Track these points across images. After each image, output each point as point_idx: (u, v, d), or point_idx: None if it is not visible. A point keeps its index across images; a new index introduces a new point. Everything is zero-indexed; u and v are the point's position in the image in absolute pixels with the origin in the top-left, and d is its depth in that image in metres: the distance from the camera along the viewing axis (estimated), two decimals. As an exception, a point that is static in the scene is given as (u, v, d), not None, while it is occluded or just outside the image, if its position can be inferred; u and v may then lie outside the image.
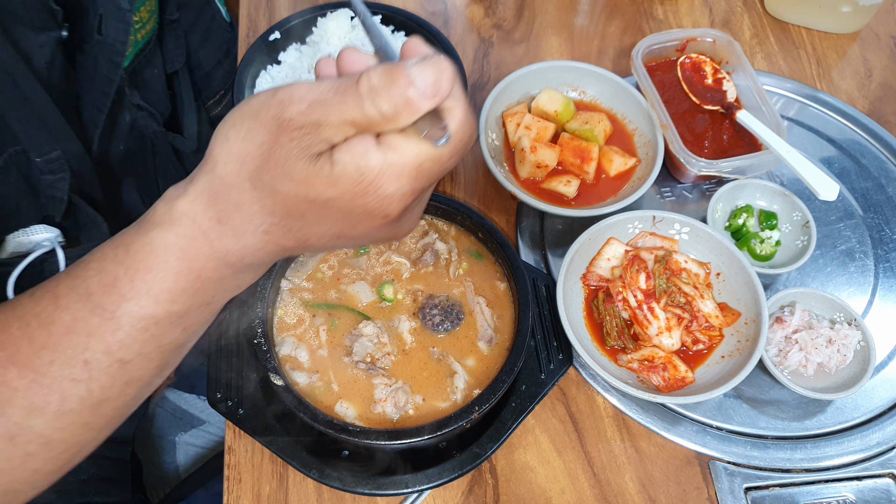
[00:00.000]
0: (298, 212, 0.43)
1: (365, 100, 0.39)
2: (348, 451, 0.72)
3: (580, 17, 1.14)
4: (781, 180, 0.96)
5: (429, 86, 0.39)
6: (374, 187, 0.42)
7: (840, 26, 1.12)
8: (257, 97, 0.43)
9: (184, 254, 0.44)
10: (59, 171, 0.69)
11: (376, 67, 0.40)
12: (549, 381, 0.76)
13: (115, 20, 0.73)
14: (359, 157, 0.41)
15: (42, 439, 0.45)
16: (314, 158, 0.41)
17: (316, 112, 0.40)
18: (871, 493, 0.75)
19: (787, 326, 0.81)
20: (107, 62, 0.74)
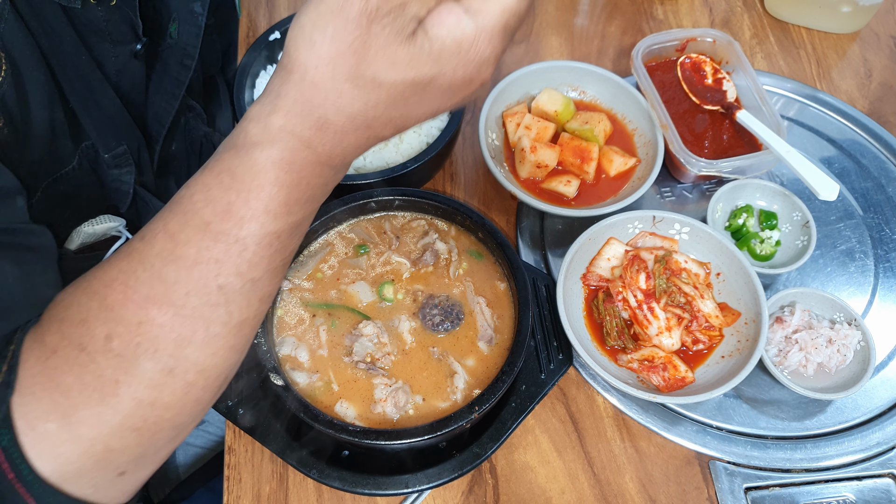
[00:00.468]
0: (403, 98, 0.43)
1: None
2: (348, 451, 0.72)
3: (580, 17, 1.14)
4: (781, 180, 0.96)
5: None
6: (473, 55, 0.43)
7: (840, 26, 1.12)
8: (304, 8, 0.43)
9: (291, 167, 0.45)
10: (125, 164, 0.72)
11: None
12: (549, 381, 0.76)
13: (188, 24, 0.75)
14: (453, 29, 0.42)
15: (198, 367, 0.47)
16: (411, 39, 0.41)
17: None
18: (871, 493, 0.75)
19: (787, 326, 0.81)
20: (177, 64, 0.76)
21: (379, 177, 0.82)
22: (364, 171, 0.88)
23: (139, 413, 0.46)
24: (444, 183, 0.96)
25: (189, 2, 0.75)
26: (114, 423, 0.45)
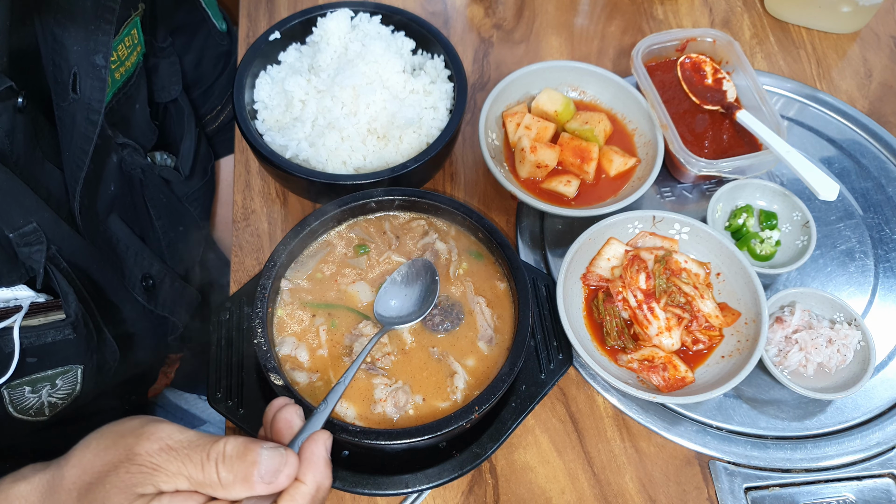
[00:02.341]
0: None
1: (210, 462, 0.43)
2: (348, 451, 0.72)
3: (580, 17, 1.14)
4: (781, 180, 0.96)
5: (270, 472, 0.45)
6: None
7: (840, 26, 1.12)
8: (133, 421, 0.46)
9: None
10: (36, 242, 0.68)
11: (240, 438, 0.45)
12: (549, 381, 0.76)
13: (91, 78, 0.71)
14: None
15: None
16: (136, 497, 0.43)
17: (161, 456, 0.43)
18: (870, 492, 0.75)
19: (787, 326, 0.81)
20: (84, 120, 0.72)
21: (379, 177, 0.82)
22: (364, 171, 0.88)
23: None
24: (444, 183, 0.96)
25: (89, 55, 0.70)
26: None
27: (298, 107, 0.90)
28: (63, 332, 0.72)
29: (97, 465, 0.44)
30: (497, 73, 1.06)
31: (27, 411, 0.74)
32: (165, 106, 0.98)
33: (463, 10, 1.14)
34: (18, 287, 0.68)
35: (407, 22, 0.96)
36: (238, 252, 0.90)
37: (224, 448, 0.44)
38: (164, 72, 0.94)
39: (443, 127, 0.89)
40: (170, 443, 0.44)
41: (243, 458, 0.44)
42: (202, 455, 0.44)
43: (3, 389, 0.72)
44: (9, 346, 0.70)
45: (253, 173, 0.97)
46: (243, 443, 0.44)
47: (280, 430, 0.50)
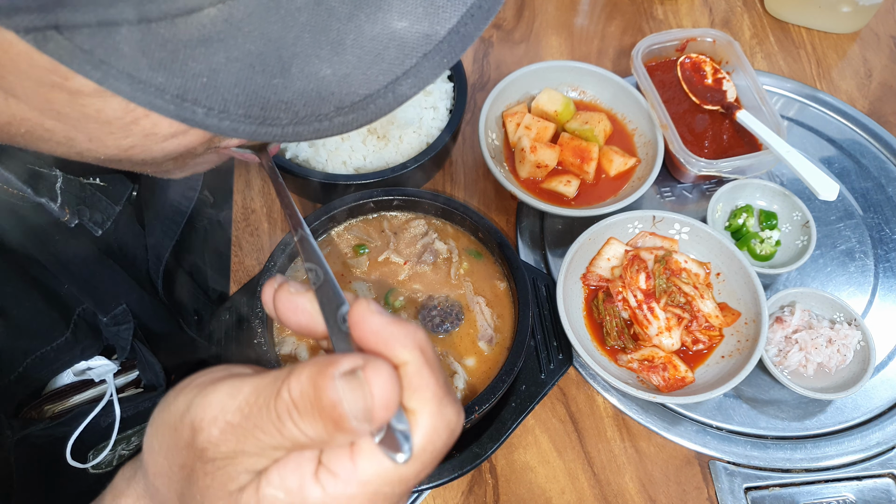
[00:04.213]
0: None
1: (285, 423, 0.32)
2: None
3: (580, 17, 1.14)
4: (781, 180, 0.96)
5: (361, 410, 0.31)
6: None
7: (840, 26, 1.12)
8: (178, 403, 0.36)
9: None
10: (124, 322, 0.70)
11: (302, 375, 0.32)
12: (549, 381, 0.76)
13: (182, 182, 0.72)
14: (293, 493, 0.33)
15: None
16: (238, 493, 0.34)
17: (230, 441, 0.33)
18: (870, 492, 0.75)
19: (787, 326, 0.81)
20: (179, 195, 0.73)
21: (379, 177, 0.82)
22: (364, 171, 0.88)
23: None
24: (444, 183, 0.96)
25: None
26: None
27: (298, 107, 0.89)
28: (154, 401, 0.73)
29: (175, 471, 0.36)
30: (497, 73, 1.06)
31: (100, 465, 0.75)
32: None
33: (463, 10, 1.14)
34: (95, 358, 0.69)
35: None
36: (238, 252, 0.90)
37: (290, 397, 0.32)
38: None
39: (443, 127, 0.89)
40: (229, 420, 0.33)
41: (319, 403, 0.31)
42: (271, 418, 0.32)
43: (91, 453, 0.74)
44: (108, 418, 0.71)
45: (253, 173, 0.97)
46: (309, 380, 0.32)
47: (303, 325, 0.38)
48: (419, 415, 0.33)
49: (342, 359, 0.32)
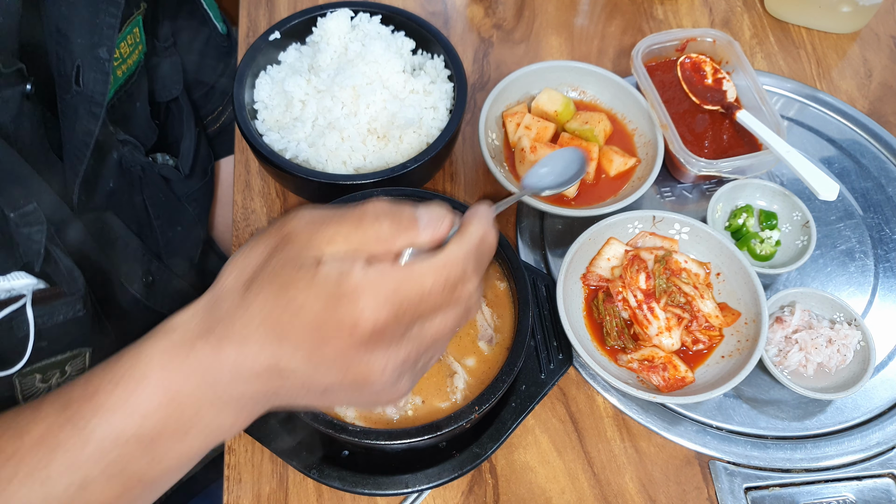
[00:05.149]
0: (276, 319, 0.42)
1: (366, 219, 0.42)
2: (348, 451, 0.72)
3: (580, 17, 1.14)
4: (781, 180, 0.96)
5: (431, 219, 0.43)
6: (348, 298, 0.41)
7: (840, 26, 1.12)
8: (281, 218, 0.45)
9: (165, 364, 0.42)
10: (36, 223, 0.67)
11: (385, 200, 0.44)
12: (549, 381, 0.76)
13: (94, 71, 0.71)
14: (343, 267, 0.41)
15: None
16: (300, 265, 0.42)
17: (313, 226, 0.43)
18: (871, 492, 0.75)
19: (787, 326, 0.81)
20: (86, 113, 0.72)
21: (379, 177, 0.82)
22: (364, 171, 0.88)
23: None
24: (444, 183, 0.96)
25: (93, 48, 0.70)
26: None
27: (298, 107, 0.90)
28: (73, 308, 0.71)
29: (252, 262, 0.43)
30: (497, 73, 1.06)
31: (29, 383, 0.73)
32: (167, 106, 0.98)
33: (463, 10, 1.14)
34: (14, 275, 0.67)
35: (407, 22, 0.96)
36: (238, 252, 0.90)
37: (379, 208, 0.42)
38: (166, 71, 0.94)
39: (443, 127, 0.89)
40: (316, 216, 0.43)
41: (399, 212, 0.43)
42: (355, 216, 0.42)
43: (15, 378, 0.72)
44: (23, 329, 0.68)
45: (253, 173, 0.97)
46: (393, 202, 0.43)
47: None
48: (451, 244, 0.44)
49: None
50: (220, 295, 0.44)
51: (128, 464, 0.43)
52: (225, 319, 0.43)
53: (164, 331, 0.44)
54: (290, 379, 0.43)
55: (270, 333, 0.42)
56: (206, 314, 0.44)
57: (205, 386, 0.43)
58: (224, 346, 0.42)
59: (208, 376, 0.42)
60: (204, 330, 0.43)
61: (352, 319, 0.41)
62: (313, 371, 0.43)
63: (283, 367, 0.42)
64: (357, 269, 0.41)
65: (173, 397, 0.42)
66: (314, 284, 0.41)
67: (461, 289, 0.44)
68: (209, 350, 0.42)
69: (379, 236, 0.42)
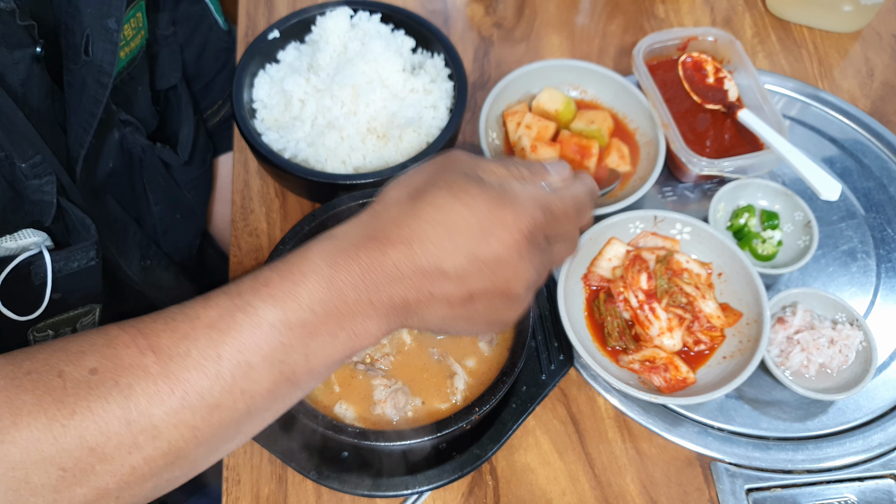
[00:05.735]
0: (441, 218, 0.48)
1: (511, 164, 0.55)
2: (348, 453, 0.71)
3: (581, 16, 1.14)
4: (783, 180, 0.95)
5: (557, 169, 0.57)
6: (510, 200, 0.50)
7: (842, 25, 1.12)
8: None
9: (331, 262, 0.47)
10: (45, 174, 0.69)
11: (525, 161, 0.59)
12: (549, 382, 0.75)
13: (103, 41, 0.72)
14: (503, 180, 0.53)
15: (154, 430, 0.44)
16: (467, 176, 0.51)
17: (476, 160, 0.54)
18: (872, 493, 0.75)
19: (789, 327, 0.81)
20: (94, 83, 0.73)
21: (378, 176, 0.82)
22: (363, 170, 0.87)
23: (75, 453, 0.42)
24: (444, 182, 0.96)
25: (102, 18, 0.71)
26: (46, 454, 0.42)
27: (297, 106, 0.89)
28: (87, 256, 0.73)
29: (420, 178, 0.52)
30: (497, 71, 1.06)
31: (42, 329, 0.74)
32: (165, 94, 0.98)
33: (463, 8, 1.14)
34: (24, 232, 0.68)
35: (406, 20, 0.95)
36: (237, 252, 0.90)
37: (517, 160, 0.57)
38: (165, 59, 0.95)
39: (443, 126, 0.89)
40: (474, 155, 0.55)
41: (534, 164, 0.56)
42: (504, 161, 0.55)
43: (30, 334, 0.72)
44: (40, 276, 0.69)
45: (252, 173, 0.96)
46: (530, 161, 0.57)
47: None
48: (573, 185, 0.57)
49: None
50: (384, 206, 0.51)
51: (288, 354, 0.47)
52: (391, 224, 0.49)
53: (328, 236, 0.49)
54: (444, 283, 0.49)
55: (440, 230, 0.48)
56: (369, 223, 0.50)
57: (364, 285, 0.47)
58: (388, 247, 0.48)
59: (369, 276, 0.47)
60: (367, 236, 0.48)
61: (513, 217, 0.49)
62: (469, 272, 0.49)
63: (444, 268, 0.48)
64: (515, 183, 0.52)
65: (336, 292, 0.47)
66: (483, 190, 0.50)
67: (580, 220, 0.56)
68: (374, 251, 0.47)
69: (523, 172, 0.54)
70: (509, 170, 0.54)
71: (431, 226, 0.48)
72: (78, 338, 0.46)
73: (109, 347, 0.44)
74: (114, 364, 0.44)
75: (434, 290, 0.49)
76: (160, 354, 0.44)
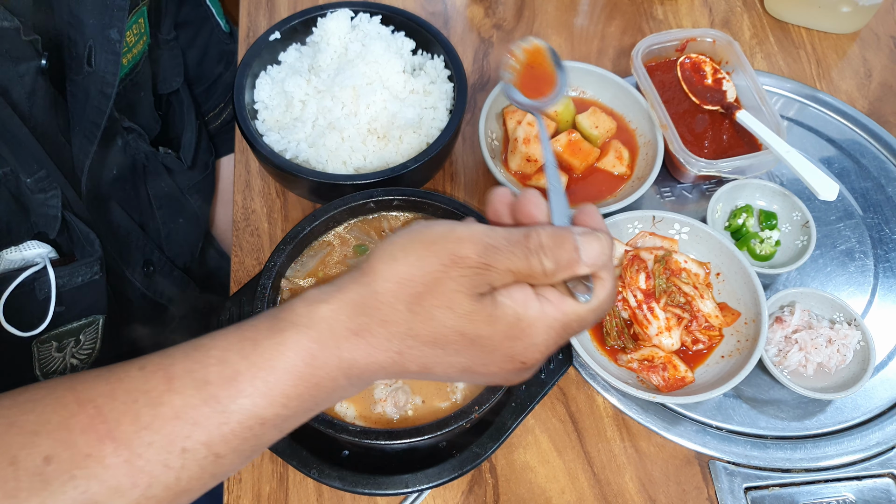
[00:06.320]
0: (445, 341, 0.45)
1: (532, 254, 0.44)
2: (348, 451, 0.72)
3: (580, 17, 1.14)
4: (781, 180, 0.96)
5: (592, 256, 0.45)
6: (526, 334, 0.45)
7: (840, 26, 1.12)
8: (434, 228, 0.46)
9: (312, 360, 0.44)
10: (50, 188, 0.69)
11: (547, 228, 0.45)
12: (549, 381, 0.76)
13: (105, 51, 0.72)
14: (518, 303, 0.45)
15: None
16: (479, 297, 0.44)
17: (489, 256, 0.44)
18: (870, 492, 0.75)
19: (787, 326, 0.81)
20: (97, 93, 0.73)
21: (379, 177, 0.82)
22: (364, 170, 0.88)
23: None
24: (444, 183, 0.96)
25: (104, 29, 0.72)
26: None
27: (298, 107, 0.90)
28: (91, 270, 0.73)
29: (417, 276, 0.44)
30: (497, 72, 1.06)
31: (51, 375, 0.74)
32: (168, 99, 0.98)
33: (463, 10, 1.14)
34: (29, 244, 0.68)
35: (407, 22, 0.96)
36: (238, 252, 0.90)
37: (541, 240, 0.45)
38: (167, 64, 0.95)
39: (443, 127, 0.89)
40: (490, 242, 0.44)
41: (562, 246, 0.45)
42: (524, 249, 0.44)
43: (34, 346, 0.72)
44: (44, 291, 0.69)
45: (253, 173, 0.97)
46: (555, 232, 0.45)
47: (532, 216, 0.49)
48: (605, 280, 0.47)
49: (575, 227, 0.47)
50: (376, 300, 0.45)
51: (261, 439, 0.46)
52: (382, 328, 0.44)
53: (306, 324, 0.45)
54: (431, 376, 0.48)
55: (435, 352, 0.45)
56: (356, 314, 0.45)
57: (344, 378, 0.46)
58: (378, 351, 0.45)
59: (351, 371, 0.45)
60: (352, 332, 0.45)
61: (523, 354, 0.46)
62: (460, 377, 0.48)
63: (433, 372, 0.47)
64: (531, 307, 0.45)
65: (315, 386, 0.45)
66: (495, 319, 0.45)
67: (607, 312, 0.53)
68: (360, 351, 0.45)
69: (545, 271, 0.45)
70: (530, 273, 0.45)
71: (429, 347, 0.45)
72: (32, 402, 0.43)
73: (65, 430, 0.42)
74: (70, 453, 0.41)
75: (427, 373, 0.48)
76: (119, 444, 0.42)
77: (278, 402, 0.44)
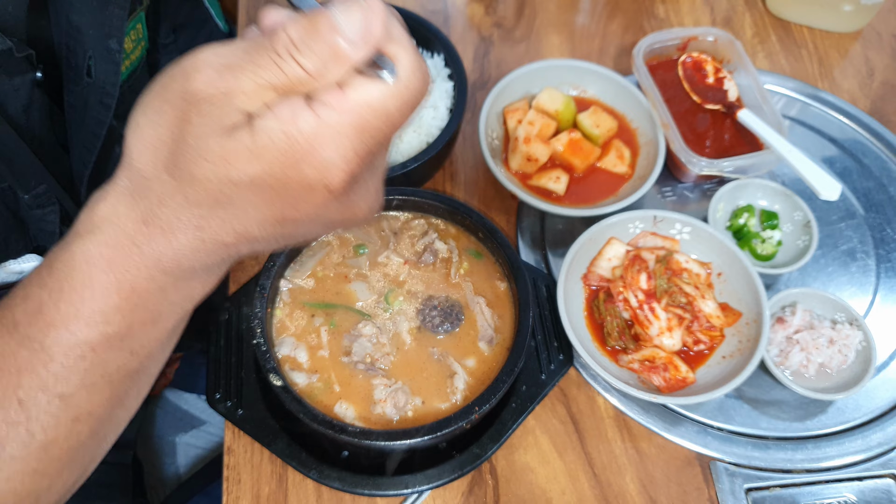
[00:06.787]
0: (225, 197, 0.37)
1: (284, 57, 0.34)
2: (348, 452, 0.72)
3: (581, 16, 1.14)
4: (783, 180, 0.95)
5: (358, 30, 0.34)
6: (309, 154, 0.35)
7: (842, 25, 1.12)
8: (165, 71, 0.37)
9: (110, 265, 0.39)
10: (48, 204, 0.68)
11: (296, 20, 0.34)
12: (549, 382, 0.75)
13: (105, 62, 0.71)
14: (286, 122, 0.35)
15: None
16: (228, 132, 0.35)
17: (225, 79, 0.35)
18: (871, 493, 0.75)
19: (789, 327, 0.81)
20: (97, 103, 0.72)
21: (379, 176, 0.82)
22: (364, 170, 0.87)
23: None
24: (444, 183, 0.96)
25: (104, 39, 0.71)
26: None
27: (298, 106, 0.89)
28: None
29: (163, 134, 0.37)
30: (497, 71, 1.06)
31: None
32: None
33: (463, 8, 1.14)
34: (26, 258, 0.67)
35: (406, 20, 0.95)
36: (237, 252, 0.90)
37: (290, 35, 0.34)
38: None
39: (443, 126, 0.89)
40: (223, 62, 0.35)
41: (317, 33, 0.34)
42: (271, 55, 0.34)
43: None
44: None
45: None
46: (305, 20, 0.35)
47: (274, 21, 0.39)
48: (401, 57, 0.37)
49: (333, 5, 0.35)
50: (142, 178, 0.38)
51: (106, 366, 0.41)
52: (164, 208, 0.38)
53: (89, 228, 0.39)
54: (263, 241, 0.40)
55: (229, 211, 0.38)
56: (133, 202, 0.39)
57: (162, 273, 0.40)
58: (175, 233, 0.38)
59: (163, 264, 0.39)
60: (140, 222, 0.39)
61: (320, 177, 0.36)
62: (290, 230, 0.40)
63: (254, 235, 0.39)
64: (303, 119, 0.35)
65: (130, 293, 0.40)
66: (260, 151, 0.35)
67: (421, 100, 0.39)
68: (157, 240, 0.39)
69: (310, 71, 0.35)
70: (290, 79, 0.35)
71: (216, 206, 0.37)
72: None
73: None
74: None
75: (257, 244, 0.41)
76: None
77: (96, 320, 0.39)
